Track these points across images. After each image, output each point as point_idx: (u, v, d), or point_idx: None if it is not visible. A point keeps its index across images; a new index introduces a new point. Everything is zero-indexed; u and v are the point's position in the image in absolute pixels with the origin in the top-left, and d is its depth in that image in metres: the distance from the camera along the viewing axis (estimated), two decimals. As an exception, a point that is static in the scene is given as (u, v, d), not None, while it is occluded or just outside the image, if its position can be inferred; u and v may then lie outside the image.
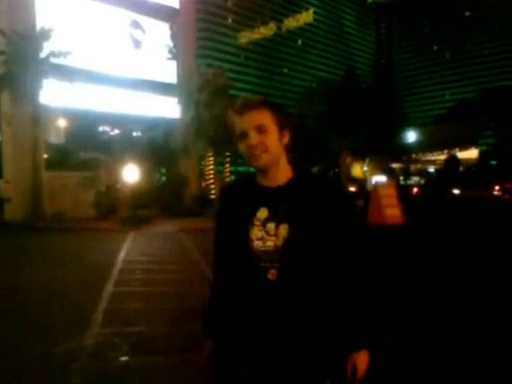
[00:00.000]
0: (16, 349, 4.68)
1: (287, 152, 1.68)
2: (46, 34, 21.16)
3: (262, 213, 1.63)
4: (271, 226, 1.61)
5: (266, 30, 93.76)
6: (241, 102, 1.65)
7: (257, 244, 1.62)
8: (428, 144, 75.70)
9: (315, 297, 1.61)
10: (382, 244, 11.82)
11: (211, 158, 27.92)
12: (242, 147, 1.64)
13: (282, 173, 1.67)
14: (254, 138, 1.60)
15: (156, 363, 4.30)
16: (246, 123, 1.61)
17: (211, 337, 1.82)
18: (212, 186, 28.02)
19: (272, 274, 1.59)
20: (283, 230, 1.60)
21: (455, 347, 4.64)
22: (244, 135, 1.61)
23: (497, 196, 41.04)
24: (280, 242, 1.59)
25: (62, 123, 23.17)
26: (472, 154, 74.72)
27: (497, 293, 6.83)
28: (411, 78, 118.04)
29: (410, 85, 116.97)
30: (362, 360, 1.64)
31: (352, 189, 36.56)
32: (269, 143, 1.61)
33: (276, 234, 1.60)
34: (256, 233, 1.62)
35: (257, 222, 1.63)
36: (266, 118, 1.61)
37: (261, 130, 1.60)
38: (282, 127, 1.65)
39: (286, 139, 1.67)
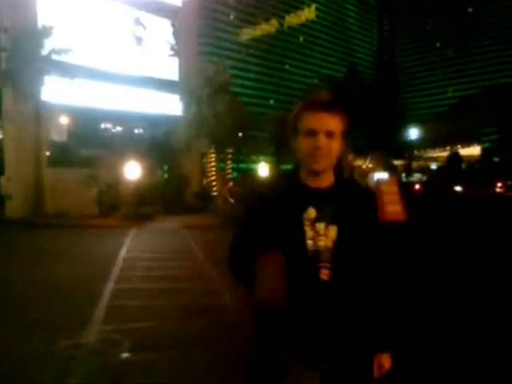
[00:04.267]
0: (18, 345, 4.69)
1: (339, 159, 1.71)
2: (47, 31, 21.15)
3: (310, 213, 1.64)
4: (321, 226, 1.63)
5: (268, 27, 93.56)
6: (315, 98, 1.67)
7: (309, 243, 1.62)
8: (430, 141, 75.60)
9: (365, 296, 1.66)
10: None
11: (213, 155, 27.90)
12: (304, 144, 1.64)
13: (329, 175, 1.71)
14: (322, 140, 1.61)
15: (157, 359, 4.29)
16: (317, 123, 1.62)
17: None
18: (214, 183, 27.99)
19: (325, 274, 1.61)
20: (332, 231, 1.62)
21: (457, 345, 4.64)
22: (312, 134, 1.62)
23: (499, 193, 40.95)
24: (330, 243, 1.62)
25: (63, 120, 23.17)
26: (474, 150, 74.60)
27: (499, 290, 6.81)
28: (414, 75, 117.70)
29: (412, 81, 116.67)
30: (384, 361, 1.73)
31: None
32: (333, 149, 1.64)
33: (326, 235, 1.62)
34: (307, 232, 1.63)
35: (306, 222, 1.63)
36: (337, 124, 1.64)
37: (330, 134, 1.62)
38: (344, 136, 1.68)
39: (343, 147, 1.69)
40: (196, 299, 6.59)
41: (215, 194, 26.75)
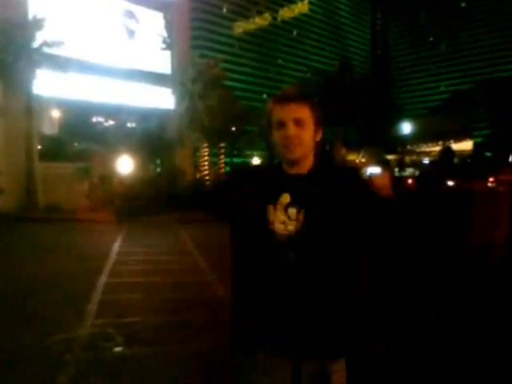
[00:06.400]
0: (10, 340, 4.67)
1: (317, 148, 1.75)
2: (38, 23, 20.93)
3: (285, 198, 1.69)
4: (293, 211, 1.67)
5: (261, 21, 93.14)
6: (283, 92, 1.75)
7: (278, 227, 1.67)
8: (423, 135, 75.77)
9: (332, 280, 1.65)
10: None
11: (206, 149, 27.85)
12: (277, 136, 1.71)
13: (308, 162, 1.74)
14: (291, 129, 1.67)
15: (150, 353, 4.30)
16: (285, 114, 1.68)
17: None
18: (207, 178, 27.96)
19: (291, 257, 1.65)
20: (302, 215, 1.66)
21: (450, 341, 4.67)
22: (282, 125, 1.68)
23: (491, 187, 41.15)
24: (300, 227, 1.65)
25: (55, 114, 23.01)
26: (467, 145, 74.81)
27: (493, 287, 6.87)
28: (406, 70, 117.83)
29: (405, 76, 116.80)
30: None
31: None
32: (304, 137, 1.68)
33: (297, 219, 1.66)
34: (279, 216, 1.68)
35: (279, 207, 1.69)
36: (305, 112, 1.69)
37: (299, 123, 1.67)
38: (317, 124, 1.73)
39: (319, 136, 1.75)
40: (189, 293, 6.59)
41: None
